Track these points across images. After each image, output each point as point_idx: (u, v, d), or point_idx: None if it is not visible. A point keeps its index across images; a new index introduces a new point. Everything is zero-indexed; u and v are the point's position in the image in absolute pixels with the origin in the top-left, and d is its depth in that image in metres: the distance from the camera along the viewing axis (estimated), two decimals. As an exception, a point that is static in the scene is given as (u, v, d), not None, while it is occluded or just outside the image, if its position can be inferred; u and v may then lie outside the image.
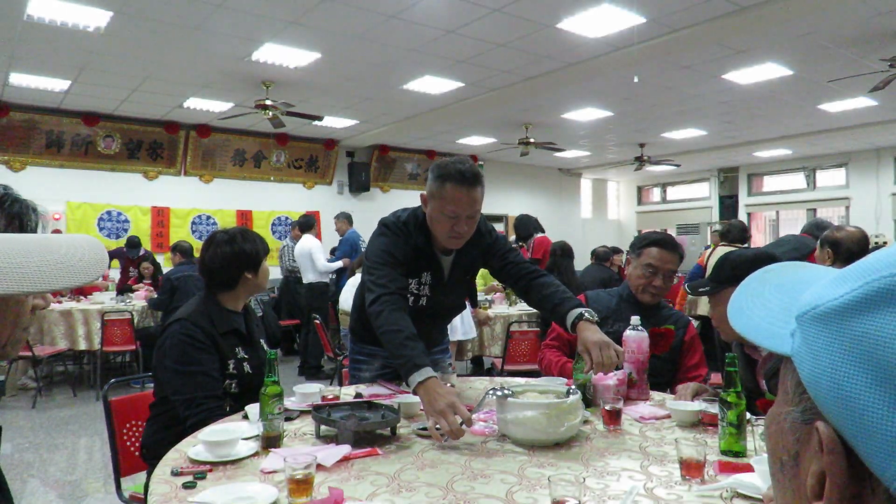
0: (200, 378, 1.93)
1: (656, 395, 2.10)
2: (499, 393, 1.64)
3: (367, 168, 11.06)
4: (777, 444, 0.44)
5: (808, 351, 0.39)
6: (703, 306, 7.12)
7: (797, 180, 13.00)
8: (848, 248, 3.09)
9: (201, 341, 1.96)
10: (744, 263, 1.90)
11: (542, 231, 6.33)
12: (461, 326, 4.68)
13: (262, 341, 2.21)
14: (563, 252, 5.66)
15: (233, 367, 2.03)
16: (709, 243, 11.67)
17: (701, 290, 1.99)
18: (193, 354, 1.94)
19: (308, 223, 6.83)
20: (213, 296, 2.12)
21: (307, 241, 6.65)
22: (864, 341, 0.35)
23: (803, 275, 0.48)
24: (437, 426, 1.56)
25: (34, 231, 1.00)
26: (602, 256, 6.70)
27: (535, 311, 5.51)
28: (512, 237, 7.37)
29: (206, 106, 8.07)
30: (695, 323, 6.36)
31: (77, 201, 8.58)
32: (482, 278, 6.59)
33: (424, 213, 2.09)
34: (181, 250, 6.41)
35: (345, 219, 7.25)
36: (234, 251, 2.09)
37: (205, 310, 2.06)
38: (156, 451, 1.83)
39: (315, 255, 6.57)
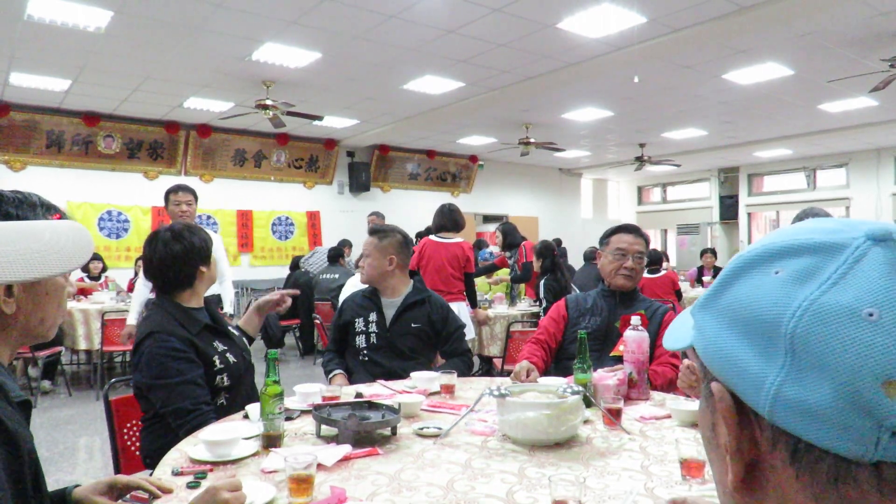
0: (185, 387, 1.89)
1: (656, 395, 2.10)
2: (495, 393, 1.65)
3: (367, 168, 11.06)
4: (703, 425, 0.51)
5: (698, 333, 0.48)
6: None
7: (797, 180, 12.99)
8: None
9: (179, 350, 1.92)
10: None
11: (525, 238, 6.38)
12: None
13: (230, 328, 2.21)
14: (558, 250, 5.67)
15: (219, 362, 2.02)
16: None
17: None
18: (172, 366, 1.89)
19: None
20: (169, 300, 2.06)
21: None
22: (730, 308, 0.45)
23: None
24: None
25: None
26: (589, 256, 7.14)
27: (535, 311, 5.54)
28: (494, 247, 7.36)
29: (207, 106, 8.07)
30: None
31: (77, 201, 8.58)
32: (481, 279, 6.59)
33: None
34: None
35: (376, 216, 7.35)
36: (186, 247, 2.04)
37: (171, 317, 2.00)
38: (159, 459, 1.82)
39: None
